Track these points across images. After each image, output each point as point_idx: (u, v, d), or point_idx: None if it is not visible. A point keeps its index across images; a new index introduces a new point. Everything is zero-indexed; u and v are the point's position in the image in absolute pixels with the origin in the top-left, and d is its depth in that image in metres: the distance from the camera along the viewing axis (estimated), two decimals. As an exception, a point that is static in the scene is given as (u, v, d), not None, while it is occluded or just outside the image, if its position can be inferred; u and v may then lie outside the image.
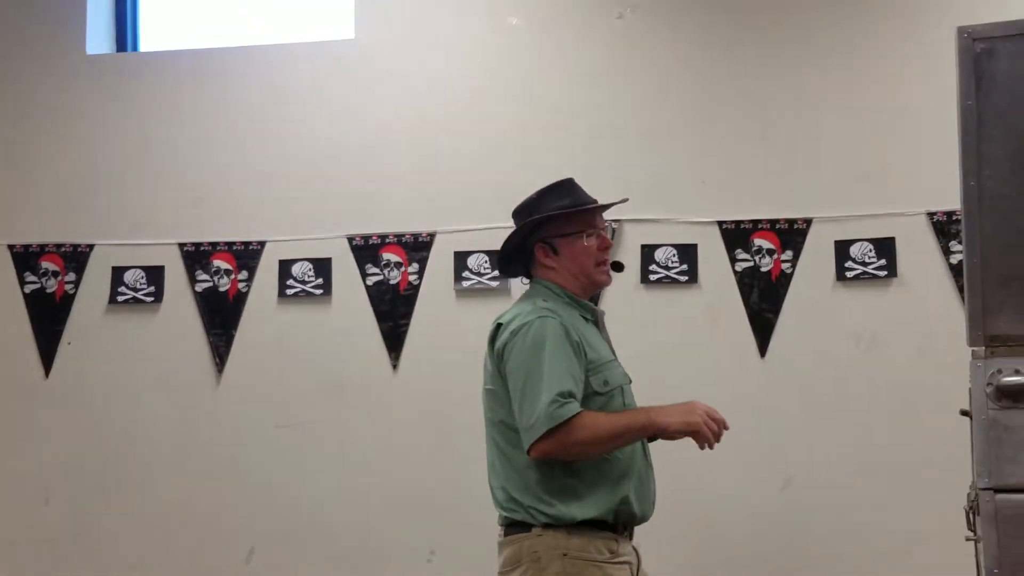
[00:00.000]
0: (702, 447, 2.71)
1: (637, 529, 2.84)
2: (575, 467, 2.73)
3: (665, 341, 4.47)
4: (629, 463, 2.78)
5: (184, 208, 4.93)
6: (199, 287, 4.88)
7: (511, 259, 3.02)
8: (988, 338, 2.15)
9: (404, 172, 4.76)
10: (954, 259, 4.19)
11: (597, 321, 2.96)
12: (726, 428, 2.71)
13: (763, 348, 4.39)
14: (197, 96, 4.98)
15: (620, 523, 2.78)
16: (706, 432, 2.67)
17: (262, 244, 4.85)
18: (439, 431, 4.62)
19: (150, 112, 4.99)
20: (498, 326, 2.87)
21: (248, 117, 4.93)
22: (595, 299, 3.46)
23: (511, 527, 2.85)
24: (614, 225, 3.02)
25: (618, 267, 3.05)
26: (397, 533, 4.61)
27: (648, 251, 4.53)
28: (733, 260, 4.46)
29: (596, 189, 4.51)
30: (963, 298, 2.34)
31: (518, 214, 2.97)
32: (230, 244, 4.87)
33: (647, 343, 4.46)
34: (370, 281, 4.75)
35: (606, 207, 2.98)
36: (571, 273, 2.90)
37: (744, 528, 4.06)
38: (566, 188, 2.97)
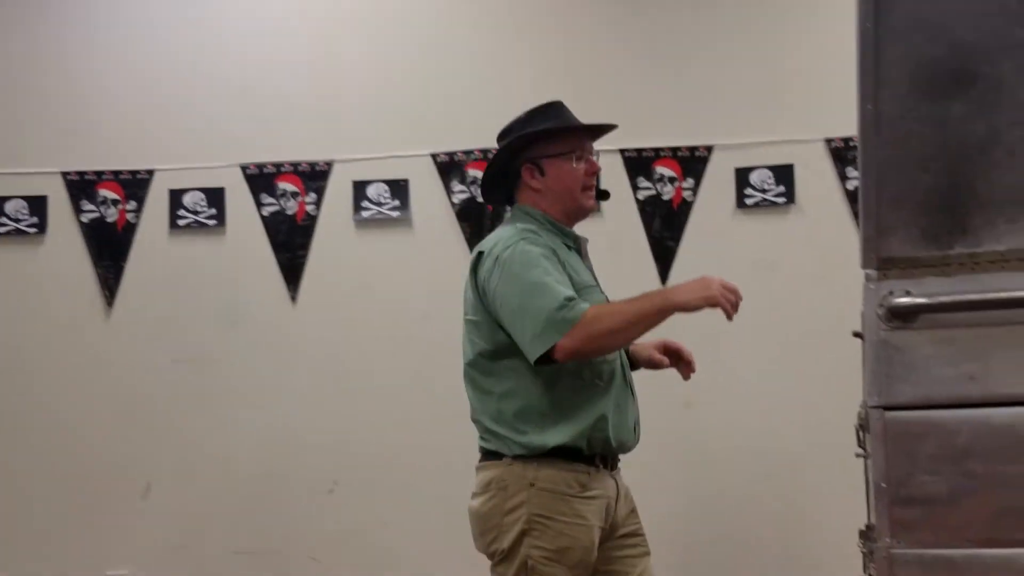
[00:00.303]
0: (730, 318, 2.66)
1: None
2: (550, 395, 2.72)
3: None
4: (605, 389, 2.76)
5: (67, 135, 4.77)
6: (85, 218, 4.73)
7: (495, 183, 2.97)
8: (881, 260, 2.18)
9: (300, 99, 4.68)
10: (851, 185, 4.27)
11: (580, 249, 2.93)
12: (740, 298, 2.67)
13: (664, 276, 4.43)
14: (83, 18, 4.80)
15: (595, 453, 2.76)
16: (725, 303, 2.63)
17: (151, 173, 4.72)
18: (339, 363, 4.60)
19: (32, 36, 4.79)
20: (479, 254, 2.82)
21: (135, 40, 4.77)
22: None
23: (485, 456, 2.85)
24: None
25: (604, 195, 3.00)
26: (297, 466, 4.59)
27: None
28: (635, 188, 4.49)
29: (501, 118, 4.53)
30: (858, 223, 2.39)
31: (504, 135, 2.92)
32: (116, 173, 4.73)
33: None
34: (266, 211, 4.67)
35: (595, 128, 2.94)
36: (556, 196, 2.86)
37: (649, 449, 4.13)
38: (555, 110, 2.92)
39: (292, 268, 4.64)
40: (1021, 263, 2.11)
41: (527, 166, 2.86)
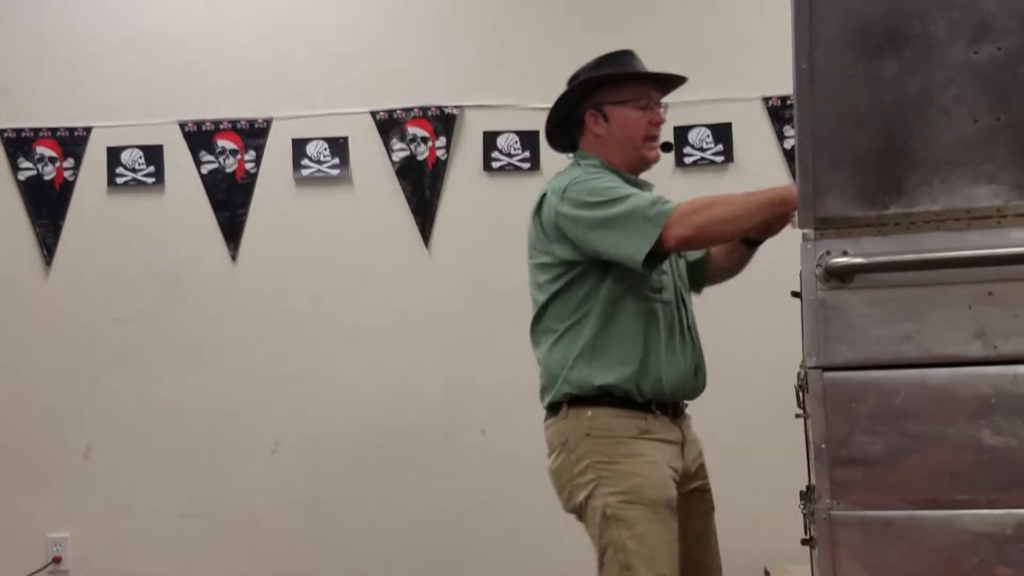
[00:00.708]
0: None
1: None
2: (606, 332, 2.72)
3: (507, 229, 4.47)
4: (650, 334, 2.75)
5: (3, 93, 4.65)
6: (22, 175, 4.63)
7: (559, 128, 2.94)
8: (818, 220, 2.17)
9: (238, 56, 4.58)
10: (788, 144, 4.25)
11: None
12: None
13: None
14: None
15: (650, 400, 2.75)
16: None
17: (88, 130, 4.62)
18: (280, 322, 4.55)
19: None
20: (543, 196, 2.82)
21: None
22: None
23: (548, 412, 2.86)
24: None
25: (667, 147, 2.94)
26: (240, 426, 4.55)
27: (490, 138, 4.49)
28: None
29: (440, 76, 4.48)
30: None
31: (572, 80, 2.90)
32: (53, 130, 4.62)
33: (490, 231, 4.46)
34: (205, 169, 4.59)
35: (664, 79, 2.89)
36: (619, 144, 2.84)
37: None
38: (624, 57, 2.88)
39: (232, 227, 4.57)
40: (956, 223, 2.11)
41: (591, 111, 2.85)
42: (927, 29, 2.09)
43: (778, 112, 4.30)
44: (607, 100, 2.84)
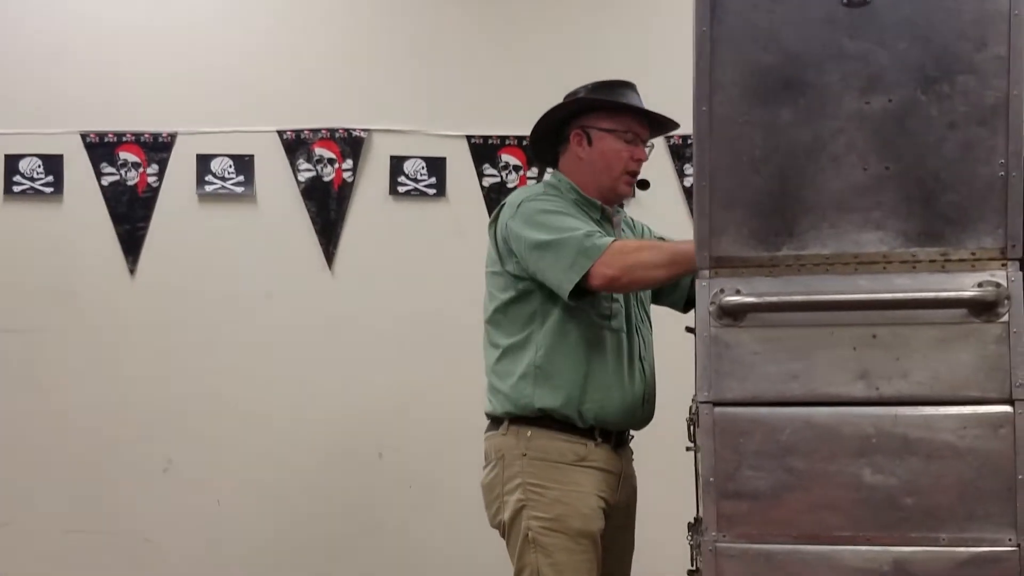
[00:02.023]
0: None
1: None
2: (551, 353, 2.73)
3: (411, 254, 4.48)
4: (596, 361, 2.76)
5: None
6: (-82, 183, 4.50)
7: (544, 139, 2.94)
8: (713, 259, 2.22)
9: (144, 69, 4.51)
10: (687, 182, 4.33)
11: (610, 220, 2.90)
12: None
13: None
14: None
15: (592, 427, 2.76)
16: None
17: (-15, 137, 4.53)
18: (177, 338, 4.49)
19: None
20: (501, 206, 2.84)
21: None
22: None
23: (490, 424, 2.86)
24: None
25: (644, 185, 2.94)
26: (132, 443, 4.47)
27: (397, 162, 4.49)
28: (481, 175, 4.49)
29: (348, 97, 4.47)
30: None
31: (569, 96, 2.90)
32: (-55, 136, 4.52)
33: (394, 255, 4.47)
34: (106, 181, 4.51)
35: (657, 120, 2.89)
36: (597, 170, 2.84)
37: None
38: (623, 88, 2.89)
39: (132, 240, 4.50)
40: (844, 267, 2.18)
41: (577, 132, 2.86)
42: (822, 79, 2.16)
43: (679, 151, 4.38)
44: (595, 125, 2.85)
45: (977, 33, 2.12)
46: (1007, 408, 2.11)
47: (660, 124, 2.93)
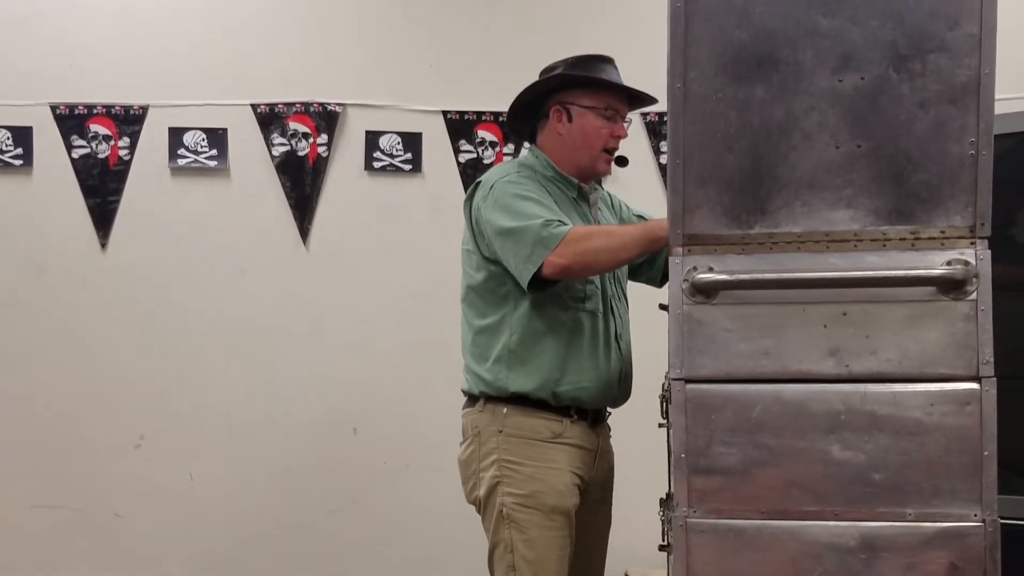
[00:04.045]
0: None
1: None
2: (524, 336, 2.74)
3: (387, 230, 4.47)
4: (571, 344, 2.76)
5: None
6: None
7: (522, 114, 2.92)
8: (686, 237, 2.23)
9: (115, 41, 4.48)
10: (663, 159, 4.32)
11: (586, 199, 2.89)
12: None
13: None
14: None
15: (567, 405, 2.77)
16: None
17: (-48, 108, 4.48)
18: (149, 313, 4.47)
19: None
20: (476, 184, 2.83)
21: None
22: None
23: (467, 401, 2.87)
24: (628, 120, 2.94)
25: (622, 161, 2.94)
26: (103, 418, 4.46)
27: (372, 137, 4.48)
28: (457, 151, 4.48)
29: (323, 71, 4.44)
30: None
31: (546, 72, 2.87)
32: (-84, 109, 4.46)
33: (369, 231, 4.46)
34: (76, 154, 4.48)
35: (636, 96, 2.88)
36: (574, 146, 2.84)
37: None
38: (603, 64, 2.87)
39: (103, 214, 4.47)
40: (815, 244, 2.19)
41: (556, 108, 2.85)
42: (795, 56, 2.16)
43: (655, 128, 4.38)
44: (575, 101, 2.84)
45: (949, 11, 2.12)
46: (974, 385, 2.13)
47: (639, 99, 2.92)
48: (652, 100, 2.89)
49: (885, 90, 2.15)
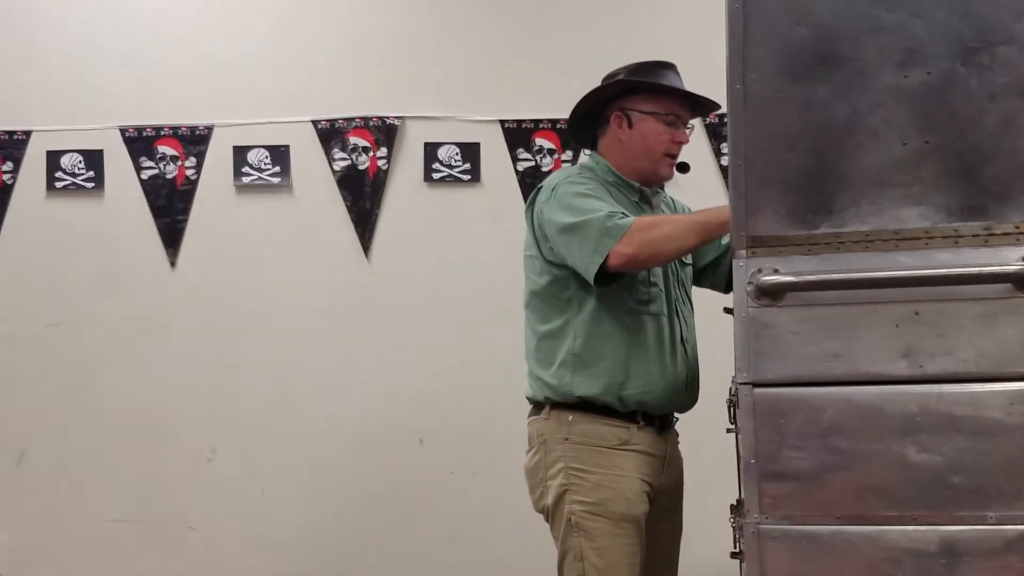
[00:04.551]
0: None
1: None
2: (588, 339, 2.73)
3: (447, 240, 4.48)
4: (635, 347, 2.75)
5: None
6: (-41, 179, 4.56)
7: (584, 121, 2.92)
8: (750, 239, 2.20)
9: (180, 63, 4.54)
10: (725, 161, 4.28)
11: (649, 202, 2.89)
12: None
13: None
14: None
15: (634, 411, 2.76)
16: None
17: (27, 134, 4.57)
18: (218, 329, 4.52)
19: None
20: (538, 189, 2.83)
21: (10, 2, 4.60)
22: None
23: (532, 409, 2.86)
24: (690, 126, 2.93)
25: (684, 167, 2.92)
26: (176, 433, 4.51)
27: (431, 149, 4.49)
28: (515, 160, 4.48)
29: (381, 86, 4.47)
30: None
31: (608, 78, 2.88)
32: (-7, 133, 4.57)
33: (430, 242, 4.47)
34: (145, 175, 4.54)
35: (698, 101, 2.88)
36: (637, 153, 2.83)
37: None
38: (665, 69, 2.87)
39: (172, 233, 4.53)
40: (884, 243, 2.15)
41: (617, 114, 2.84)
42: (858, 53, 2.13)
43: (716, 130, 4.33)
44: (636, 107, 2.82)
45: (1015, 2, 2.08)
46: (1054, 384, 2.07)
47: (701, 104, 2.90)
48: (715, 106, 2.86)
49: (952, 84, 2.11)
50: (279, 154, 4.50)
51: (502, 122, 4.46)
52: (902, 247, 2.14)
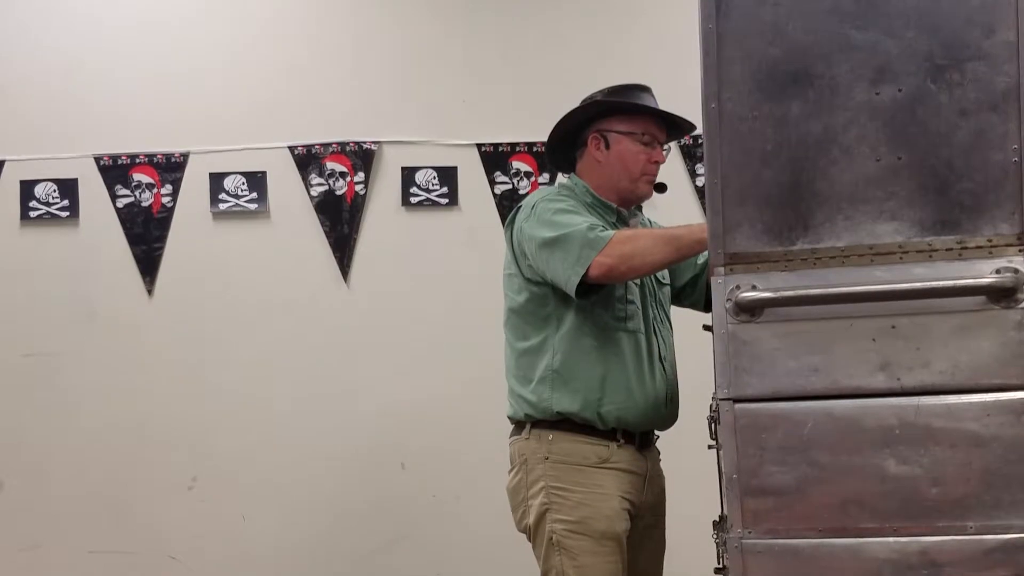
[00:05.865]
0: None
1: None
2: (567, 355, 2.74)
3: (426, 264, 4.49)
4: (613, 364, 2.76)
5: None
6: (-72, 208, 4.54)
7: (561, 145, 2.94)
8: (727, 255, 2.22)
9: (155, 90, 4.54)
10: (700, 182, 4.33)
11: (624, 223, 2.90)
12: None
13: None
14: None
15: (613, 428, 2.77)
16: None
17: (1, 164, 4.55)
18: (196, 357, 4.51)
19: None
20: (517, 208, 2.85)
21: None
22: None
23: (513, 429, 2.87)
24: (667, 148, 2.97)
25: (661, 188, 2.95)
26: (155, 462, 4.48)
27: (408, 173, 4.50)
28: (492, 183, 4.49)
29: (358, 111, 4.48)
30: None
31: (585, 102, 2.91)
32: (-37, 163, 4.55)
33: (408, 266, 4.48)
34: (120, 203, 4.54)
35: (673, 122, 2.90)
36: (613, 173, 2.85)
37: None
38: (640, 91, 2.90)
39: (148, 261, 4.52)
40: (859, 258, 2.17)
41: (595, 135, 2.87)
42: (830, 71, 2.15)
43: (690, 151, 4.37)
44: (613, 128, 2.86)
45: (985, 19, 2.11)
46: (1030, 394, 2.10)
47: (677, 127, 2.93)
48: (691, 127, 2.90)
49: (924, 101, 2.14)
50: (256, 180, 4.50)
51: (479, 146, 4.48)
52: (877, 262, 2.17)
